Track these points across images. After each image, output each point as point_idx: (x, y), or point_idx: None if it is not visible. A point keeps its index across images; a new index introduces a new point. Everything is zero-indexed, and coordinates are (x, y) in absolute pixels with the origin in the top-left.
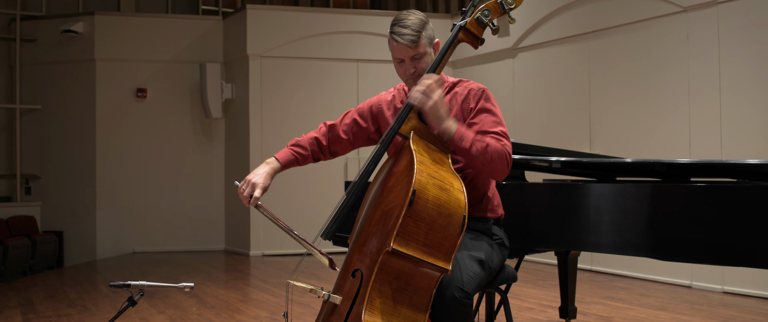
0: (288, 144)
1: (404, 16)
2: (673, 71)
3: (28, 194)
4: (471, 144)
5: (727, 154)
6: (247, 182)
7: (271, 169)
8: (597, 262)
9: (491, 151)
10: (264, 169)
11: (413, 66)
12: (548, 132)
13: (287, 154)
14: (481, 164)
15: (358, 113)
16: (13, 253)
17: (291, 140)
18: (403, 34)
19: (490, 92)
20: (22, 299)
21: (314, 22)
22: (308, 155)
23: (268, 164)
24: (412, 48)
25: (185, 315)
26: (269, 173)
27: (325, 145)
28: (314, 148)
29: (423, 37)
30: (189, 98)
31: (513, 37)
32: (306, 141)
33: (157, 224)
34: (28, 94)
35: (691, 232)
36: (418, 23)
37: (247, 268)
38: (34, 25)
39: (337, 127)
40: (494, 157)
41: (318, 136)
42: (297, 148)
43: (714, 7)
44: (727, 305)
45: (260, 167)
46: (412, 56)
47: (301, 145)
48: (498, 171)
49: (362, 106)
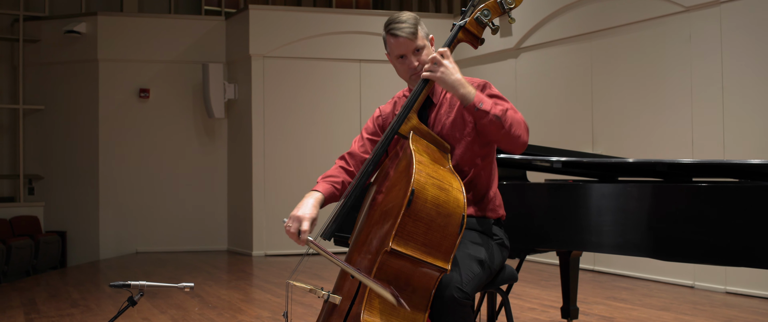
0: (318, 179)
1: (397, 16)
2: (675, 71)
3: (32, 195)
4: (491, 107)
5: (729, 155)
6: (293, 218)
7: (315, 201)
8: (600, 262)
9: (511, 115)
10: (309, 201)
11: (416, 59)
12: (551, 132)
13: (325, 186)
14: (502, 129)
15: (367, 133)
16: (17, 253)
17: (319, 177)
18: (402, 27)
19: (491, 84)
20: (25, 299)
21: (317, 22)
22: (343, 181)
23: (310, 197)
24: (412, 40)
25: (187, 315)
26: (314, 205)
27: (352, 170)
28: (344, 176)
29: (420, 31)
30: (192, 98)
31: (515, 37)
32: (334, 172)
33: (160, 224)
34: (31, 94)
35: (692, 232)
36: (413, 18)
37: (249, 268)
38: (38, 26)
39: (357, 151)
40: (514, 121)
41: (342, 165)
42: (331, 179)
43: (716, 6)
44: (729, 305)
45: (303, 201)
46: (413, 49)
47: (332, 175)
48: (517, 137)
49: (367, 125)
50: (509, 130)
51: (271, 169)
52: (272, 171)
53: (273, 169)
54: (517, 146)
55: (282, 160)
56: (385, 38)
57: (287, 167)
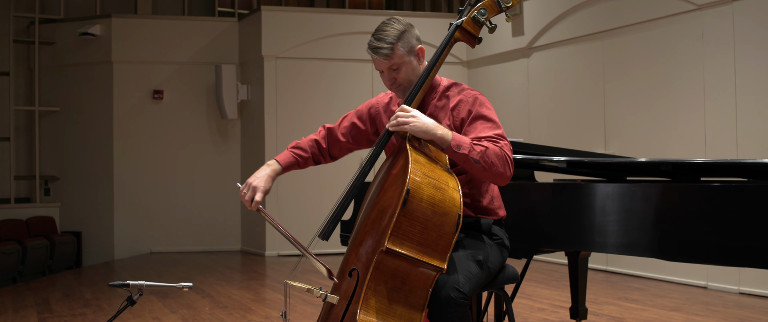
0: (288, 146)
1: (381, 28)
2: (687, 70)
3: (47, 195)
4: (469, 150)
5: (742, 154)
6: (248, 186)
7: (271, 171)
8: (612, 262)
9: (490, 154)
10: (265, 171)
11: (392, 77)
12: (563, 132)
13: (288, 157)
14: (482, 169)
15: (356, 116)
16: (32, 253)
17: (291, 143)
18: (375, 47)
19: (483, 97)
20: (39, 298)
21: (329, 23)
22: (309, 158)
23: (268, 167)
24: (385, 60)
25: (197, 315)
26: (270, 176)
27: (325, 148)
28: (314, 150)
29: (398, 48)
30: (205, 100)
31: (527, 36)
32: (306, 143)
33: (174, 224)
34: (46, 96)
35: (697, 232)
36: (394, 34)
37: (262, 268)
38: (53, 29)
39: (336, 130)
40: (494, 160)
41: (318, 139)
42: (297, 151)
43: (729, 4)
44: (742, 306)
45: (261, 169)
46: (388, 67)
47: (302, 147)
48: (499, 175)
49: (361, 108)
50: (490, 169)
51: None
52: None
53: None
54: (499, 182)
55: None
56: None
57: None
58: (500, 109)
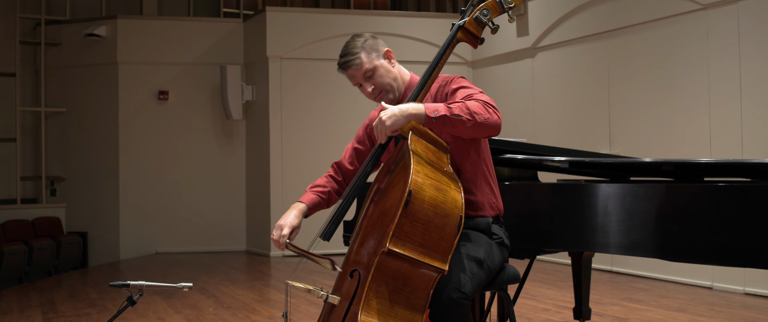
0: (307, 188)
1: (345, 46)
2: (693, 70)
3: (53, 196)
4: (446, 109)
5: (747, 154)
6: (277, 226)
7: (298, 211)
8: (617, 263)
9: (469, 105)
10: (292, 212)
11: (370, 84)
12: (568, 132)
13: (310, 197)
14: (469, 124)
15: (356, 142)
16: (38, 253)
17: (309, 185)
18: (343, 62)
19: (461, 78)
20: (44, 298)
21: (334, 23)
22: (330, 191)
23: (294, 208)
24: (357, 70)
25: (202, 315)
26: (297, 215)
27: (340, 180)
28: (332, 185)
29: (364, 55)
30: (210, 100)
31: (532, 36)
32: (322, 181)
33: (180, 225)
34: (52, 97)
35: (698, 232)
36: (358, 45)
37: (267, 269)
38: (59, 30)
39: (344, 162)
40: (475, 109)
41: (332, 175)
42: (317, 189)
43: (734, 4)
44: (748, 306)
45: (288, 211)
46: (363, 76)
47: (319, 185)
48: (485, 122)
49: (358, 132)
50: (474, 119)
51: (289, 169)
52: (290, 172)
53: (291, 169)
54: (492, 130)
55: (299, 160)
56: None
57: (305, 168)
58: (505, 109)
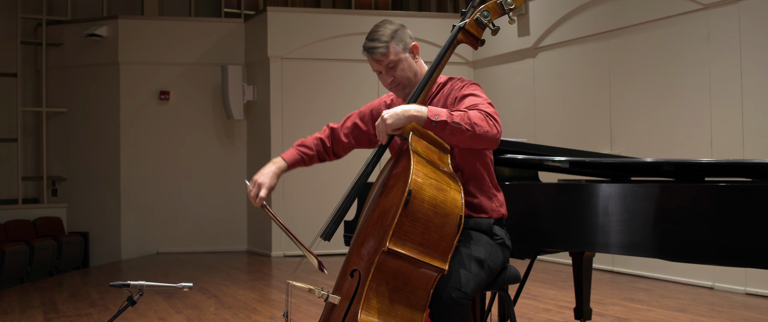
0: (294, 144)
1: (375, 29)
2: (694, 70)
3: (55, 196)
4: (447, 116)
5: (749, 154)
6: (254, 182)
7: (277, 168)
8: (618, 263)
9: (471, 115)
10: (270, 168)
11: (390, 75)
12: (569, 132)
13: (293, 154)
14: (468, 134)
15: (359, 117)
16: (40, 253)
17: (297, 141)
18: (370, 48)
19: (475, 84)
20: (46, 298)
21: (335, 23)
22: (314, 155)
23: (274, 164)
24: (383, 59)
25: (203, 315)
26: (275, 173)
27: (329, 146)
28: (319, 148)
29: (393, 46)
30: (211, 100)
31: (533, 36)
32: (311, 142)
33: (181, 225)
34: (54, 97)
35: (700, 232)
36: (388, 33)
37: (268, 269)
38: (60, 30)
39: (339, 130)
40: (476, 120)
41: (322, 138)
42: (303, 149)
43: (735, 4)
44: (749, 306)
45: (267, 166)
46: (386, 66)
47: (307, 145)
48: (486, 134)
49: (364, 109)
50: (474, 130)
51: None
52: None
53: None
54: (489, 143)
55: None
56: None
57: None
58: (506, 109)
